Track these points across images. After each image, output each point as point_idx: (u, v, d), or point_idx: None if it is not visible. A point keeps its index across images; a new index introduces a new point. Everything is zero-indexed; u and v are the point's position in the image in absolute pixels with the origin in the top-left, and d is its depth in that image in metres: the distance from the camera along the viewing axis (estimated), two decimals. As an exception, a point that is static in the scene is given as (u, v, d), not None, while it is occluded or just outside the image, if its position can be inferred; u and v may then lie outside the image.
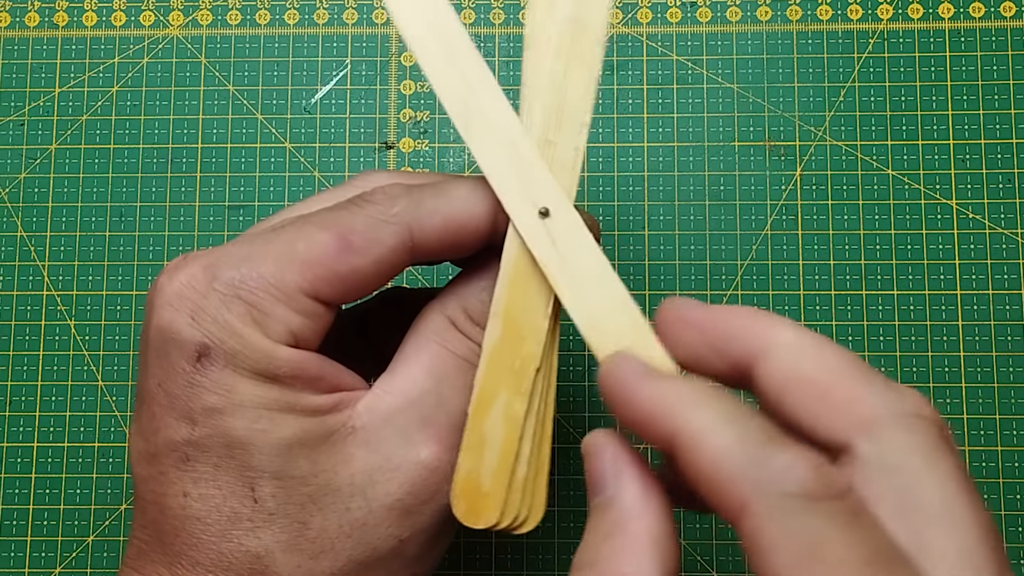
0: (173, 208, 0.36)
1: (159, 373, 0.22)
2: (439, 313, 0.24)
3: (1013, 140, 0.36)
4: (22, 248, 0.36)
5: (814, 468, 0.17)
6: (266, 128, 0.37)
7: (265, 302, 0.22)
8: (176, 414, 0.22)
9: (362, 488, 0.22)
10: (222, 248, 0.23)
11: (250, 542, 0.21)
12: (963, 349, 0.35)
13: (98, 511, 0.35)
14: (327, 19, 0.38)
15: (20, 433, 0.35)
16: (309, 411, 0.22)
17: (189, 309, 0.22)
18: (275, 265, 0.22)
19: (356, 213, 0.23)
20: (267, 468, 0.22)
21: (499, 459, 0.23)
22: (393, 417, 0.23)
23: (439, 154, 0.37)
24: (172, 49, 0.38)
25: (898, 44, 0.37)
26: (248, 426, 0.21)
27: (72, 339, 0.36)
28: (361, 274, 0.22)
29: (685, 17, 0.37)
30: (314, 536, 0.22)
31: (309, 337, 0.22)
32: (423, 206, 0.23)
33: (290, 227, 0.23)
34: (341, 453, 0.22)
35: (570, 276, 0.23)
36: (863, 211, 0.36)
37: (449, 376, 0.23)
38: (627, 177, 0.36)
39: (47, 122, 0.37)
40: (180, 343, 0.22)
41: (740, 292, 0.35)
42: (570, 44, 0.23)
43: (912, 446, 0.18)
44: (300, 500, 0.22)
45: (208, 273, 0.22)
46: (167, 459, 0.22)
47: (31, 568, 0.35)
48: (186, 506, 0.22)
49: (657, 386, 0.19)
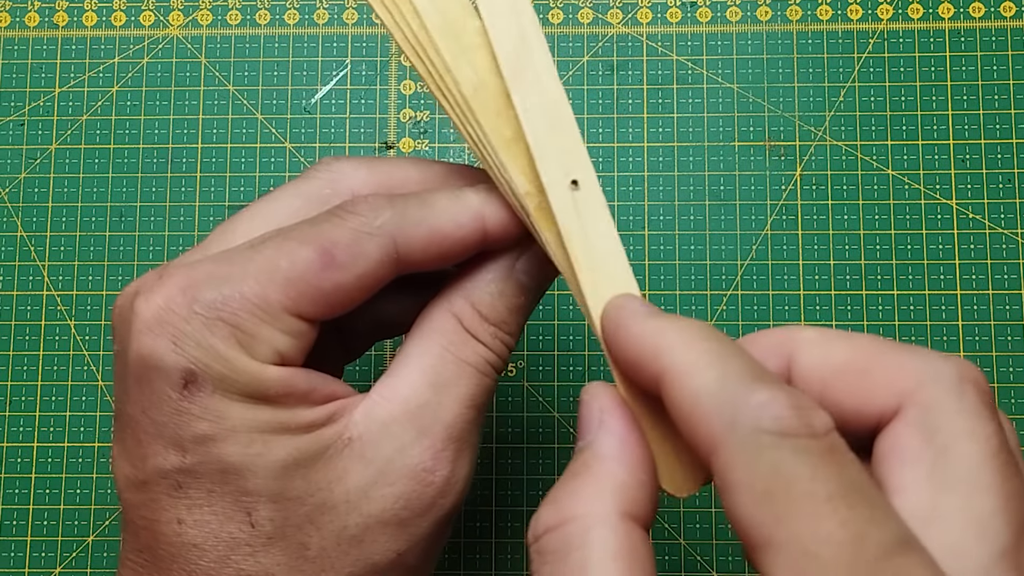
0: (173, 208, 0.36)
1: (142, 400, 0.21)
2: (445, 311, 0.23)
3: (1013, 140, 0.36)
4: (22, 248, 0.36)
5: (791, 406, 0.17)
6: (266, 128, 0.37)
7: (249, 323, 0.21)
8: (164, 442, 0.21)
9: (357, 504, 0.22)
10: (198, 265, 0.22)
11: (249, 567, 0.21)
12: (963, 349, 0.35)
13: (98, 511, 0.35)
14: (327, 19, 0.38)
15: (20, 433, 0.35)
16: (304, 427, 0.22)
17: (170, 334, 0.21)
18: (257, 284, 0.21)
19: (339, 226, 0.22)
20: (263, 492, 0.21)
21: None
22: (390, 426, 0.22)
23: (439, 154, 0.37)
24: (172, 49, 0.38)
25: (898, 44, 0.37)
26: (242, 451, 0.21)
27: (72, 339, 0.36)
28: (345, 289, 0.22)
29: (685, 17, 0.37)
30: (313, 556, 0.21)
31: (294, 355, 0.22)
32: (408, 217, 0.22)
33: (271, 243, 0.22)
34: (336, 468, 0.22)
35: (589, 255, 0.22)
36: (863, 211, 0.36)
37: (450, 384, 0.23)
38: (627, 177, 0.36)
39: (47, 122, 0.37)
40: (164, 370, 0.21)
41: (740, 292, 0.35)
42: None
43: (955, 409, 0.18)
44: (298, 521, 0.21)
45: (187, 295, 0.21)
46: (158, 486, 0.21)
47: (31, 568, 0.35)
48: (181, 533, 0.21)
49: (649, 323, 0.19)
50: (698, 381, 0.17)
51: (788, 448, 0.16)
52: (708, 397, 0.17)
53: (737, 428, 0.17)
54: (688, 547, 0.34)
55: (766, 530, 0.16)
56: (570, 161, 0.22)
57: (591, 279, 0.22)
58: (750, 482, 0.16)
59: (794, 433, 0.16)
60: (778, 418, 0.16)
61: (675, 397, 0.18)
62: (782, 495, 0.16)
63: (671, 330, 0.19)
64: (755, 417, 0.17)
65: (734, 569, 0.34)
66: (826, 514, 0.16)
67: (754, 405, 0.17)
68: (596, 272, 0.22)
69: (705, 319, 0.35)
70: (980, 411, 0.18)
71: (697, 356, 0.18)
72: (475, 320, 0.23)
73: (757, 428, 0.16)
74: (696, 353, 0.18)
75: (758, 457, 0.16)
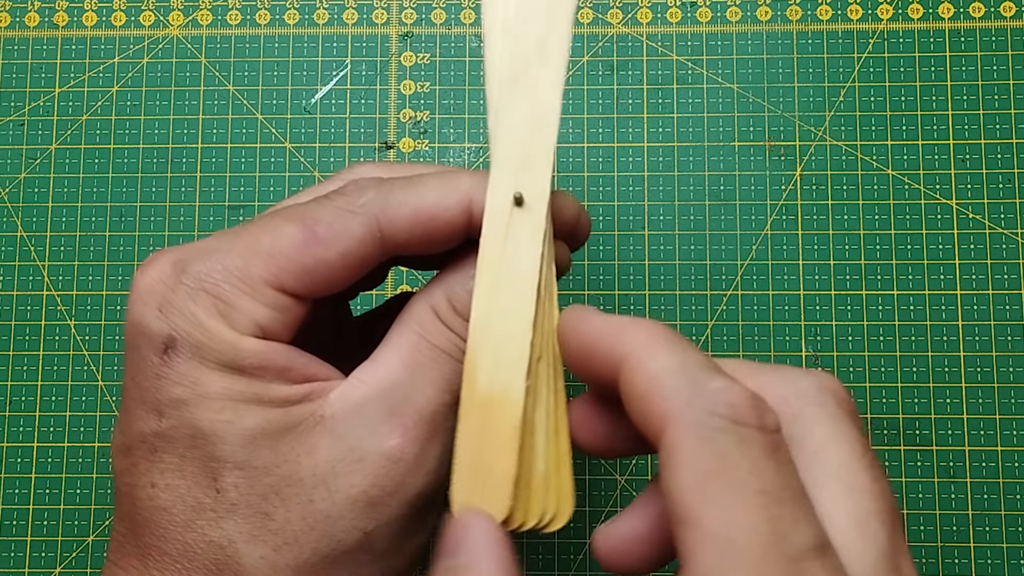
0: (173, 208, 0.36)
1: (131, 367, 0.22)
2: (424, 302, 0.24)
3: (1013, 140, 0.36)
4: (22, 248, 0.36)
5: (747, 398, 0.18)
6: (266, 128, 0.37)
7: (230, 294, 0.22)
8: (146, 406, 0.22)
9: (324, 479, 0.22)
10: (195, 243, 0.23)
11: (213, 532, 0.21)
12: (963, 349, 0.35)
13: (98, 511, 0.35)
14: (327, 19, 0.38)
15: (20, 433, 0.35)
16: (277, 402, 0.22)
17: (157, 302, 0.22)
18: (240, 258, 0.22)
19: (324, 205, 0.23)
20: (230, 459, 0.22)
21: (502, 453, 0.22)
22: (363, 407, 0.22)
23: (439, 154, 0.37)
24: (172, 49, 0.38)
25: (898, 44, 0.37)
26: (213, 417, 0.21)
27: (72, 339, 0.36)
28: (328, 266, 0.22)
29: (685, 17, 0.37)
30: (277, 528, 0.22)
31: (278, 329, 0.22)
32: (392, 197, 0.23)
33: (259, 220, 0.23)
34: (305, 443, 0.22)
35: (495, 272, 0.22)
36: (863, 211, 0.36)
37: (424, 367, 0.23)
38: (627, 177, 0.36)
39: (47, 122, 0.37)
40: (149, 336, 0.22)
41: (740, 292, 0.35)
42: None
43: (817, 417, 0.19)
44: (262, 491, 0.22)
45: (176, 267, 0.22)
46: (138, 451, 0.22)
47: (31, 568, 0.35)
48: (153, 496, 0.22)
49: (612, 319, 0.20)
50: (660, 363, 0.18)
51: (736, 436, 0.17)
52: (668, 376, 0.18)
53: (692, 408, 0.17)
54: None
55: (696, 509, 0.17)
56: (528, 177, 0.22)
57: (483, 298, 0.22)
58: (693, 460, 0.17)
59: (744, 423, 0.17)
60: (732, 405, 0.17)
61: (634, 379, 0.18)
62: (719, 478, 0.17)
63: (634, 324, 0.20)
64: (711, 401, 0.17)
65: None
66: (756, 506, 0.16)
67: (712, 390, 0.18)
68: (492, 297, 0.22)
69: (705, 319, 0.35)
70: (842, 418, 0.19)
71: (660, 344, 0.19)
72: (450, 313, 0.23)
73: (711, 411, 0.17)
74: (659, 341, 0.19)
75: (707, 438, 0.17)
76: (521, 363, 0.22)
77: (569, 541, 0.34)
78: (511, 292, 0.22)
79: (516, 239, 0.22)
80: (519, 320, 0.22)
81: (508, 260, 0.22)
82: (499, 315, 0.22)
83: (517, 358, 0.22)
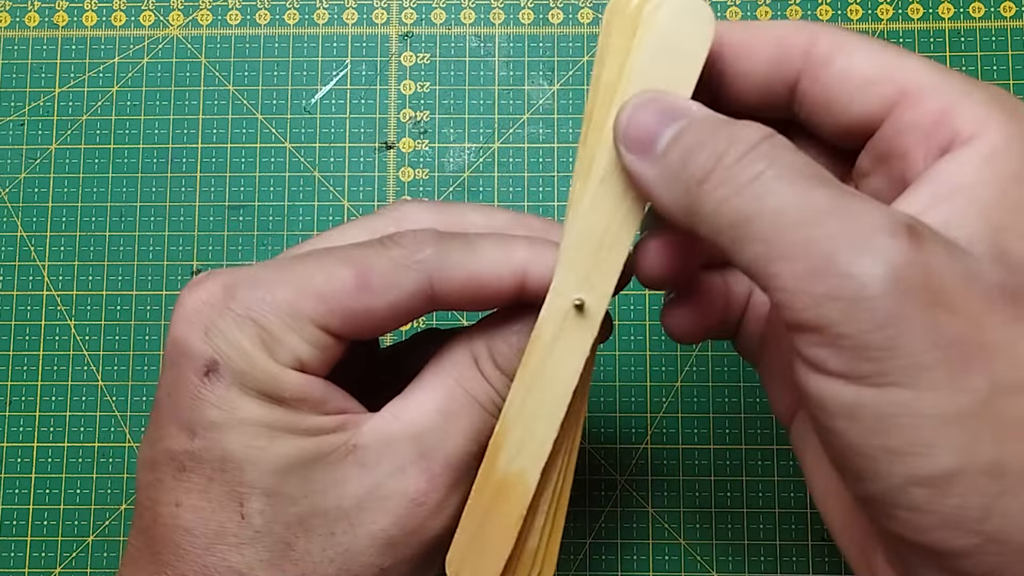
0: (173, 208, 0.36)
1: (168, 383, 0.22)
2: (465, 348, 0.24)
3: (1013, 140, 0.36)
4: (22, 248, 0.36)
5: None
6: (266, 128, 0.37)
7: (276, 328, 0.22)
8: (179, 424, 0.22)
9: (348, 513, 0.22)
10: (245, 269, 0.23)
11: (233, 558, 0.22)
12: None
13: (98, 511, 0.35)
14: (327, 19, 0.38)
15: (20, 433, 0.35)
16: (312, 431, 0.22)
17: (203, 325, 0.22)
18: (291, 293, 0.22)
19: (380, 254, 0.23)
20: (258, 484, 0.22)
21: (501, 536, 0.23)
22: (394, 444, 0.23)
23: (439, 154, 0.37)
24: (172, 49, 0.38)
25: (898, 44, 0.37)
26: (245, 443, 0.22)
27: (72, 339, 0.36)
28: (375, 314, 0.22)
29: (685, 17, 0.37)
30: (297, 558, 0.22)
31: (316, 366, 0.23)
32: (450, 258, 0.22)
33: (314, 257, 0.23)
34: (334, 474, 0.22)
35: (541, 365, 0.22)
36: (863, 211, 0.36)
37: (457, 415, 0.23)
38: (627, 177, 0.36)
39: (47, 122, 0.37)
40: (191, 356, 0.22)
41: (740, 292, 0.35)
42: None
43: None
44: (286, 520, 0.22)
45: (226, 292, 0.22)
46: (166, 467, 0.22)
47: (31, 568, 0.35)
48: (177, 516, 0.22)
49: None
50: None
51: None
52: None
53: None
54: (688, 547, 0.34)
55: None
56: (596, 283, 0.22)
57: (519, 404, 0.23)
58: None
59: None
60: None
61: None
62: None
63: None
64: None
65: (734, 569, 0.34)
66: None
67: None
68: (525, 404, 0.23)
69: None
70: None
71: None
72: (489, 365, 0.24)
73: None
74: None
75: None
76: (541, 456, 0.23)
77: (569, 541, 0.34)
78: (549, 389, 0.23)
79: (567, 341, 0.22)
80: (549, 417, 0.23)
81: (555, 359, 0.22)
82: (532, 407, 0.23)
83: (539, 451, 0.23)
